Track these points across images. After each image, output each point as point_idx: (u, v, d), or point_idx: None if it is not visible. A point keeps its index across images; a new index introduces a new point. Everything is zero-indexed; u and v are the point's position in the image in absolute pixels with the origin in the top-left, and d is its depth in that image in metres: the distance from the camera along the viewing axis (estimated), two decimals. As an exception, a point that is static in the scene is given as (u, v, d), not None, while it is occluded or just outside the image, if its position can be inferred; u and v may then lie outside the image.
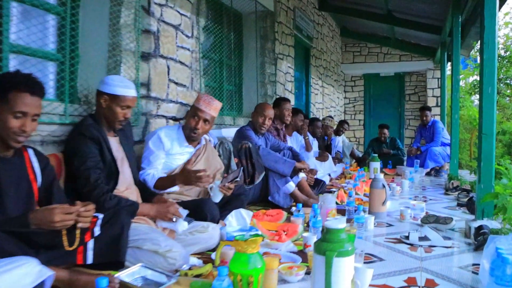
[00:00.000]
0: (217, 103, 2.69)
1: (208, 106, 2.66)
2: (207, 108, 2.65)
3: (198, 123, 2.64)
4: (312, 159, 4.98)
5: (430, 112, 6.34)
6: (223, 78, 4.88)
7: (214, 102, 2.67)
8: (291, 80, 6.16)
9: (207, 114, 2.64)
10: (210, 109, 2.65)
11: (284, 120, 4.26)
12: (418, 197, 4.21)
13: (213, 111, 2.67)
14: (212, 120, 2.73)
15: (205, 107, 2.65)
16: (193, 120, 2.66)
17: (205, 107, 2.65)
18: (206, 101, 2.66)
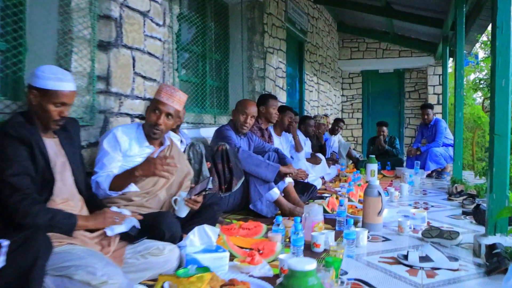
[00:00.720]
0: (181, 94, 2.29)
1: (171, 98, 2.25)
2: (169, 100, 2.25)
3: (159, 118, 2.23)
4: (303, 161, 4.58)
5: (432, 110, 5.94)
6: (206, 73, 4.48)
7: (178, 93, 2.26)
8: (282, 76, 5.75)
9: (169, 107, 2.24)
10: (173, 101, 2.25)
11: (271, 119, 3.87)
12: (419, 203, 3.81)
13: (177, 104, 2.26)
14: (177, 114, 2.32)
15: (167, 99, 2.25)
16: (154, 115, 2.25)
17: (167, 99, 2.25)
18: (168, 92, 2.25)
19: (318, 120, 5.95)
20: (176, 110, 2.28)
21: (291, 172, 3.22)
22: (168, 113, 2.24)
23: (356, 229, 2.41)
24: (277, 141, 4.41)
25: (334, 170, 5.60)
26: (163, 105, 2.24)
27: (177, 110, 2.29)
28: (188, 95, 4.33)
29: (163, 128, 2.26)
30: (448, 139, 5.82)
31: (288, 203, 3.15)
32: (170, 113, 2.25)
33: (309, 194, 3.76)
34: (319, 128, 5.96)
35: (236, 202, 3.21)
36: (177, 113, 2.31)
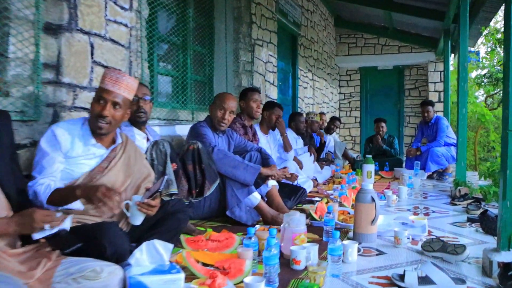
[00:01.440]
0: (129, 80, 1.90)
1: (117, 84, 1.87)
2: (115, 86, 1.87)
3: (104, 108, 1.86)
4: (291, 161, 4.22)
5: (432, 108, 5.56)
6: (187, 66, 4.12)
7: (125, 78, 1.88)
8: (273, 71, 5.39)
9: (116, 95, 1.86)
10: (119, 88, 1.87)
11: (252, 114, 3.51)
12: (419, 208, 3.45)
13: (125, 91, 1.88)
14: (127, 104, 1.93)
15: (112, 86, 1.87)
16: (98, 106, 1.87)
17: (112, 85, 1.87)
18: (113, 78, 1.87)
19: (311, 118, 5.58)
20: (125, 98, 1.90)
21: (273, 175, 2.85)
22: (115, 102, 1.87)
23: (345, 242, 2.04)
24: (263, 139, 4.05)
25: (328, 171, 5.23)
26: (107, 93, 1.87)
27: (126, 98, 1.92)
28: (166, 89, 4.04)
29: (111, 120, 1.88)
30: (450, 138, 5.45)
31: (270, 210, 2.79)
32: (117, 102, 1.88)
33: (296, 198, 3.40)
34: (312, 126, 5.60)
35: (213, 208, 2.85)
36: (127, 103, 1.93)
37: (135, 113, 2.43)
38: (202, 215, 2.90)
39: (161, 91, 3.78)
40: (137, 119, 2.46)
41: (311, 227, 2.72)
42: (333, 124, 6.52)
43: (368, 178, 4.67)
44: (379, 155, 6.23)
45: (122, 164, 2.00)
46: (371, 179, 4.68)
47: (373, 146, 6.36)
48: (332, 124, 6.52)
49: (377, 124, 6.32)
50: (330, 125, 6.52)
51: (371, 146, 6.40)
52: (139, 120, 2.47)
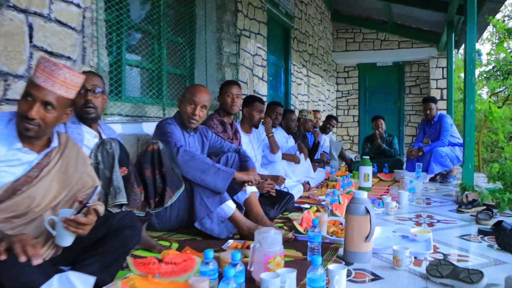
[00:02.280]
0: (68, 74, 1.48)
1: (50, 79, 1.46)
2: (47, 82, 1.46)
3: (31, 108, 1.45)
4: (281, 163, 3.80)
5: (435, 105, 5.14)
6: (163, 58, 3.70)
7: (62, 72, 1.46)
8: (262, 65, 4.97)
9: (48, 93, 1.45)
10: (53, 84, 1.46)
11: (228, 108, 3.10)
12: (422, 218, 3.02)
13: (61, 88, 1.47)
14: (63, 104, 1.52)
15: (44, 81, 1.46)
16: (24, 104, 1.47)
17: (44, 80, 1.46)
18: (47, 70, 1.46)
19: (305, 116, 5.16)
20: (60, 97, 1.48)
21: (250, 180, 2.43)
22: (46, 101, 1.46)
23: (330, 267, 1.63)
24: (245, 139, 3.62)
25: (322, 174, 4.81)
26: (37, 90, 1.45)
27: (63, 97, 1.50)
28: (136, 82, 3.62)
29: (39, 123, 1.48)
30: (454, 138, 5.03)
31: (247, 221, 2.37)
32: (49, 102, 1.46)
33: (282, 206, 2.98)
34: (305, 124, 5.18)
35: (182, 218, 2.44)
36: (64, 102, 1.52)
37: (83, 108, 2.02)
38: (170, 226, 2.49)
39: (130, 84, 3.37)
40: (85, 115, 2.04)
41: (295, 242, 2.30)
42: (329, 123, 6.11)
43: (365, 182, 4.26)
44: (378, 155, 5.82)
45: (58, 173, 1.58)
46: (369, 182, 4.27)
47: (372, 146, 5.93)
48: (328, 123, 6.10)
49: (375, 121, 5.90)
50: (326, 124, 6.12)
51: (369, 146, 5.97)
52: (87, 117, 2.05)
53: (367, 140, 6.11)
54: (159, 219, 2.45)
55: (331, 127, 6.12)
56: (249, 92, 4.54)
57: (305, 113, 5.17)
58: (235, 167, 2.66)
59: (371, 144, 5.98)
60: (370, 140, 6.04)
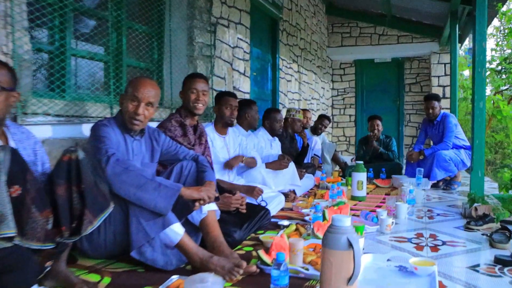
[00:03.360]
0: None
1: None
2: None
3: None
4: (259, 170, 3.28)
5: (438, 103, 4.60)
6: (122, 48, 3.18)
7: None
8: (244, 58, 4.45)
9: None
10: None
11: (190, 107, 2.58)
12: (423, 237, 2.50)
13: None
14: None
15: None
16: None
17: None
18: None
19: (293, 115, 4.64)
20: None
21: (201, 198, 1.90)
22: None
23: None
24: (219, 142, 3.11)
25: (310, 180, 4.29)
26: None
27: None
28: (85, 76, 3.09)
29: None
30: (459, 140, 4.51)
31: (199, 250, 1.84)
32: None
33: (253, 224, 2.45)
34: (293, 125, 4.66)
35: (121, 243, 1.91)
36: None
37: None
38: (106, 253, 1.97)
39: (80, 78, 2.85)
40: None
41: (259, 277, 1.78)
42: (321, 123, 5.58)
43: (359, 190, 3.74)
44: (374, 158, 5.29)
45: None
46: (363, 191, 3.75)
47: (367, 149, 5.41)
48: (320, 123, 5.58)
49: (371, 122, 5.37)
50: (317, 124, 5.59)
51: (364, 148, 5.45)
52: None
53: (362, 142, 5.58)
54: (91, 245, 1.93)
55: (323, 127, 5.61)
56: (228, 89, 4.03)
57: (293, 112, 4.65)
58: (191, 179, 2.14)
59: (366, 147, 5.45)
60: (365, 142, 5.51)
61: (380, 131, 5.38)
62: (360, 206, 3.48)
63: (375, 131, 5.33)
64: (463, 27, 6.36)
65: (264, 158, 3.64)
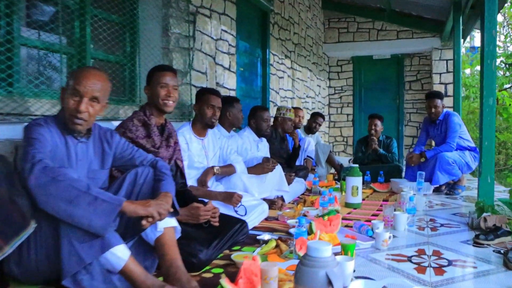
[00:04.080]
0: None
1: None
2: None
3: None
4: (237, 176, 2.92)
5: (441, 101, 4.24)
6: (86, 39, 2.82)
7: None
8: (229, 52, 4.09)
9: None
10: None
11: (159, 105, 2.23)
12: (426, 257, 2.14)
13: None
14: None
15: None
16: None
17: None
18: None
19: (283, 114, 4.29)
20: None
21: (149, 215, 1.54)
22: None
23: None
24: (195, 145, 2.76)
25: (301, 185, 3.93)
26: None
27: None
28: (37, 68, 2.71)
29: None
30: (464, 140, 4.15)
31: (148, 278, 1.49)
32: None
33: (226, 240, 2.10)
34: (283, 124, 4.30)
35: (55, 266, 1.55)
36: None
37: None
38: (38, 278, 1.62)
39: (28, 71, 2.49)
40: None
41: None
42: (315, 121, 5.22)
43: (354, 196, 3.39)
44: (374, 161, 4.94)
45: None
46: (358, 197, 3.39)
47: (366, 151, 5.05)
48: (314, 121, 5.22)
49: (370, 121, 5.02)
50: (311, 123, 5.23)
51: (363, 150, 5.09)
52: None
53: (361, 142, 5.22)
54: (21, 269, 1.58)
55: (317, 125, 5.24)
56: (210, 85, 3.67)
57: (283, 110, 4.29)
58: (147, 188, 1.79)
59: (366, 148, 5.09)
60: (364, 143, 5.15)
61: (379, 132, 5.03)
62: (355, 214, 3.13)
63: (372, 131, 4.98)
64: (466, 20, 6.00)
65: (248, 162, 3.28)
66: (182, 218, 2.08)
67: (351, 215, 3.10)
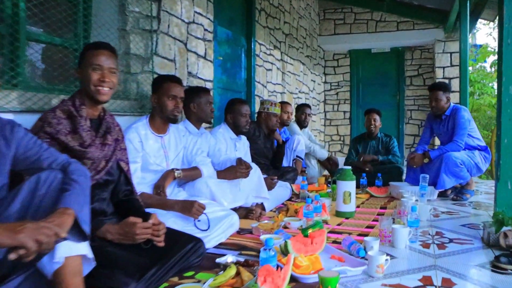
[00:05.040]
0: None
1: None
2: None
3: None
4: (201, 181, 2.42)
5: (445, 94, 3.72)
6: (20, 16, 2.33)
7: None
8: (205, 38, 3.60)
9: None
10: None
11: (91, 93, 1.75)
12: (434, 285, 1.64)
13: None
14: None
15: None
16: None
17: None
18: None
19: (267, 108, 3.80)
20: None
21: (21, 246, 1.04)
22: None
23: None
24: (154, 143, 2.28)
25: (285, 191, 3.43)
26: None
27: None
28: None
29: None
30: (473, 138, 3.65)
31: None
32: None
33: (170, 266, 1.60)
34: (268, 120, 3.81)
35: None
36: None
37: None
38: None
39: None
40: None
41: None
42: (303, 112, 4.70)
43: (346, 204, 2.89)
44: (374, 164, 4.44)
45: None
46: (351, 205, 2.89)
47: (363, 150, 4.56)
48: (303, 113, 4.70)
49: (367, 116, 4.53)
50: (300, 116, 4.70)
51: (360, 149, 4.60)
52: None
53: (356, 141, 4.73)
54: None
55: (307, 117, 4.71)
56: (180, 74, 3.18)
57: (268, 104, 3.80)
58: (49, 200, 1.30)
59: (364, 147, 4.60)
60: (360, 141, 4.67)
61: (377, 128, 4.55)
62: (346, 226, 2.64)
63: (372, 127, 4.49)
64: (473, 8, 5.50)
65: (221, 164, 2.79)
66: (114, 238, 1.60)
67: (342, 227, 2.61)
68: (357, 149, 4.64)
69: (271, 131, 3.84)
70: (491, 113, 8.60)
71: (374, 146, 4.60)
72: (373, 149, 4.58)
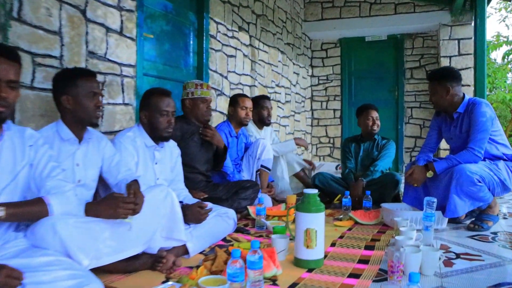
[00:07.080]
0: None
1: None
2: None
3: None
4: (54, 225, 1.40)
5: (457, 84, 2.71)
6: None
7: None
8: (123, 7, 2.59)
9: None
10: None
11: None
12: None
13: None
14: None
15: None
16: None
17: None
18: None
19: (190, 93, 2.74)
20: None
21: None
22: None
23: None
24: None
25: (224, 222, 2.40)
26: None
27: None
28: None
29: None
30: (496, 145, 2.64)
31: None
32: None
33: None
34: (194, 109, 2.77)
35: None
36: None
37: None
38: None
39: None
40: None
41: None
42: (262, 106, 3.60)
43: (309, 248, 1.87)
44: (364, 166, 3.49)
45: None
46: (317, 249, 1.87)
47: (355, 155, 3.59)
48: (261, 107, 3.60)
49: (365, 113, 3.57)
50: (259, 111, 3.60)
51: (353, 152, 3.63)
52: None
53: (348, 142, 3.73)
54: None
55: (268, 111, 3.63)
56: (70, 53, 2.17)
57: (191, 88, 2.72)
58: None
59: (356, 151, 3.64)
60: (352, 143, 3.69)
61: (378, 127, 3.59)
62: (309, 284, 1.62)
63: (374, 126, 3.53)
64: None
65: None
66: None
67: (297, 293, 1.60)
68: (350, 151, 3.66)
69: (204, 124, 2.79)
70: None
71: (367, 149, 3.60)
72: (365, 152, 3.60)
